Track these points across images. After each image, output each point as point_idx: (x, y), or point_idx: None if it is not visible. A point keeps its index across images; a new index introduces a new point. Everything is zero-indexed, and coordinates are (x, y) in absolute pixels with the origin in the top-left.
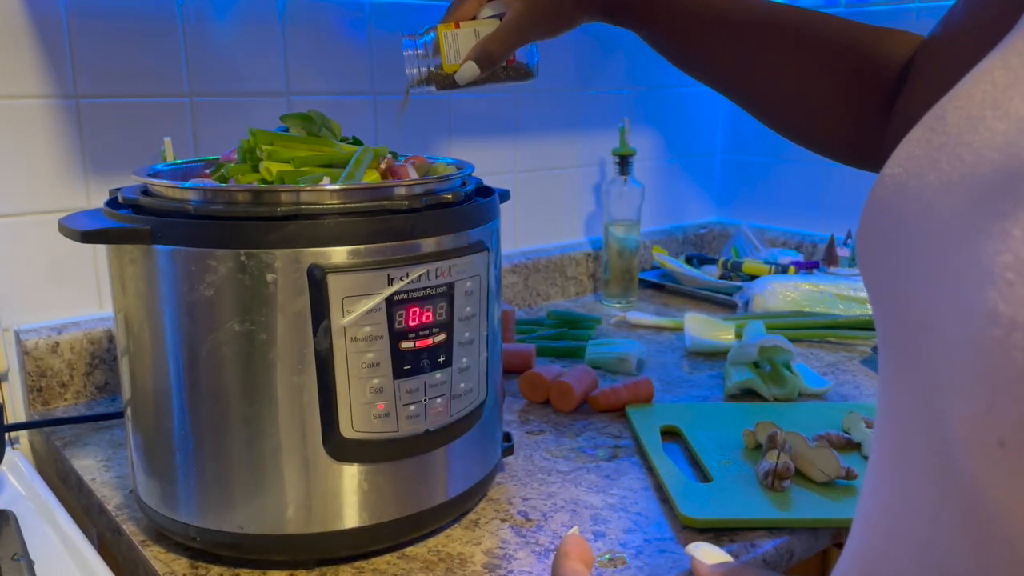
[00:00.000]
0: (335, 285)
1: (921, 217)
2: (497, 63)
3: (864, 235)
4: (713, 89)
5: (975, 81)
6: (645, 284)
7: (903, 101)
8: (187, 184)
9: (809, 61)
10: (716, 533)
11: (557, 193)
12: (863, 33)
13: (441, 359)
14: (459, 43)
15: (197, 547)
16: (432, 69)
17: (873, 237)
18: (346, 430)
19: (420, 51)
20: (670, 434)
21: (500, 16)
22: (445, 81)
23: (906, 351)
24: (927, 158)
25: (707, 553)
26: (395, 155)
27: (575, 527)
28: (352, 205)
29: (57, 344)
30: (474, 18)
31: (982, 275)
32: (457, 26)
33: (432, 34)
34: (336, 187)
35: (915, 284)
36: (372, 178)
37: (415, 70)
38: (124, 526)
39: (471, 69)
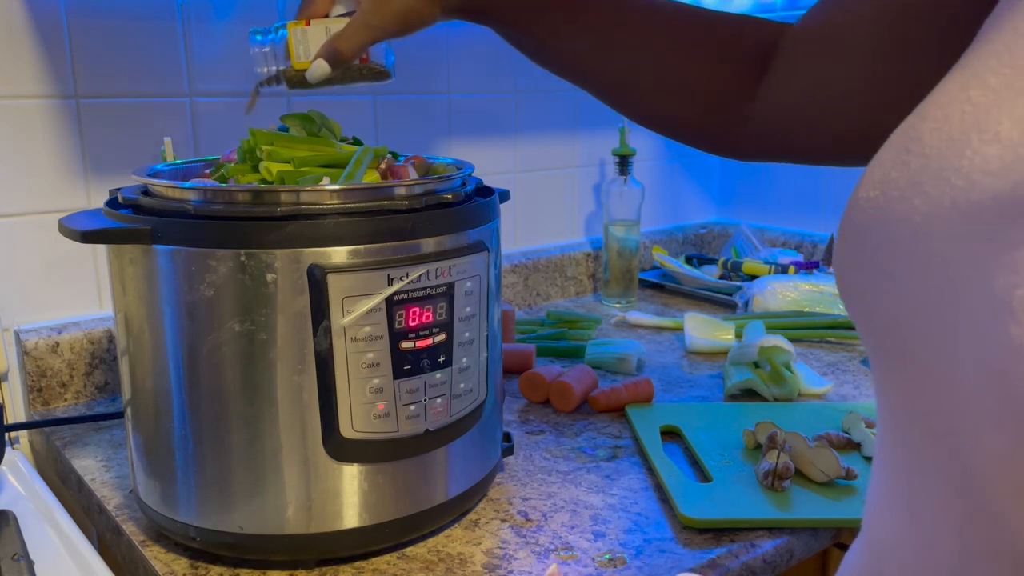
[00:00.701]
0: (335, 285)
1: (913, 244)
2: (347, 61)
3: (845, 262)
4: (573, 83)
5: (948, 100)
6: (645, 284)
7: (766, 86)
8: (187, 184)
9: (664, 47)
10: (716, 533)
11: (557, 193)
12: (723, 21)
13: (441, 359)
14: (309, 41)
15: (197, 547)
16: (281, 68)
17: (857, 264)
18: (346, 430)
19: (267, 49)
20: (670, 434)
21: (351, 14)
22: (295, 80)
23: (913, 382)
24: (908, 181)
25: None
26: (395, 155)
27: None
28: (352, 205)
29: (57, 344)
30: (326, 16)
31: (999, 309)
32: (308, 23)
33: (283, 32)
34: (336, 187)
35: (922, 317)
36: (372, 178)
37: (264, 68)
38: (124, 526)
39: (321, 68)
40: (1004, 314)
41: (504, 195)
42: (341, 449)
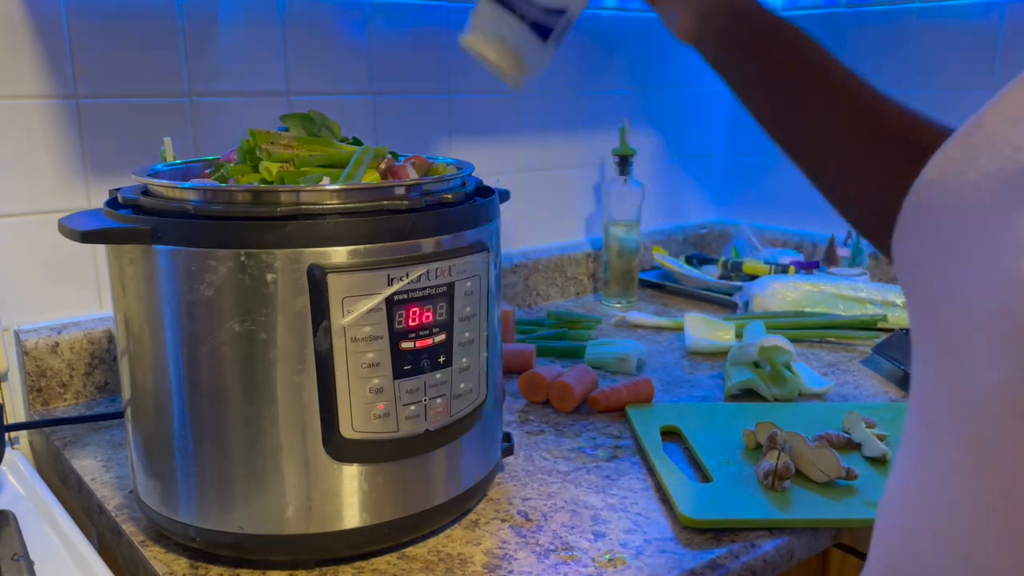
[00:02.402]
0: (335, 285)
1: (958, 205)
2: None
3: (902, 235)
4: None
5: (1012, 92)
6: (645, 284)
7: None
8: (187, 184)
9: (855, 134)
10: (716, 533)
11: (557, 193)
12: (910, 119)
13: (441, 359)
14: None
15: (197, 547)
16: None
17: (911, 234)
18: (346, 430)
19: None
20: (670, 434)
21: None
22: None
23: (938, 329)
24: (965, 157)
25: None
26: (395, 155)
27: None
28: (352, 205)
29: (57, 344)
30: None
31: (1017, 247)
32: None
33: None
34: (336, 187)
35: (949, 259)
36: (372, 178)
37: None
38: (124, 526)
39: None
40: (1019, 251)
41: (504, 195)
42: (341, 449)
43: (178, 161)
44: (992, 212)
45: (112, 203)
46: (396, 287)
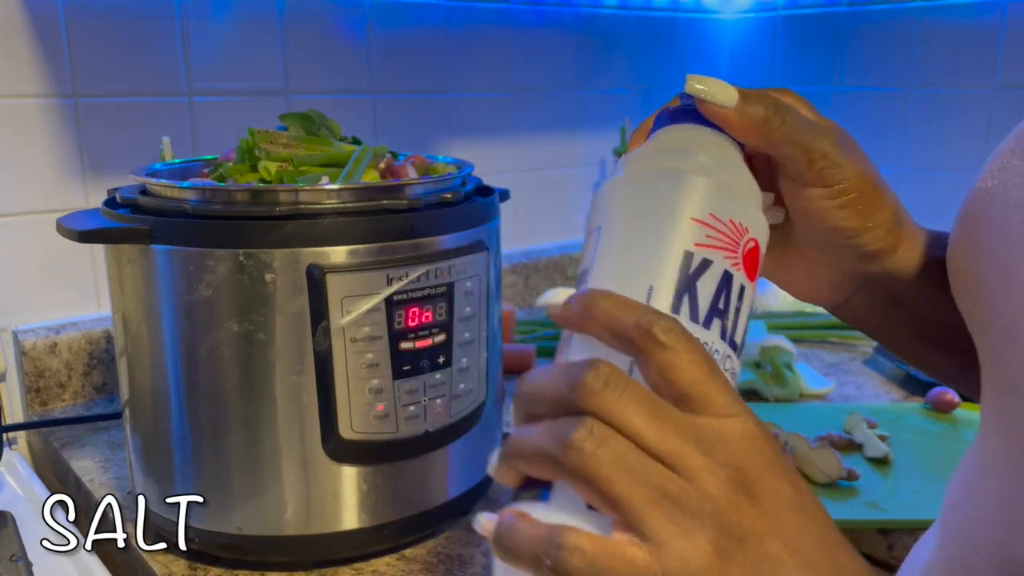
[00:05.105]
0: (334, 285)
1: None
2: None
3: (958, 246)
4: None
5: None
6: None
7: None
8: (185, 184)
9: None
10: None
11: (557, 193)
12: None
13: (441, 359)
14: None
15: (195, 548)
16: None
17: (969, 247)
18: (345, 431)
19: None
20: None
21: None
22: None
23: (996, 356)
24: None
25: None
26: (395, 155)
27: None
28: (351, 205)
29: (55, 344)
30: None
31: None
32: None
33: None
34: (335, 187)
35: (1011, 285)
36: (371, 178)
37: None
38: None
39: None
40: None
41: (504, 195)
42: (340, 450)
43: (176, 160)
44: None
45: (110, 203)
46: (395, 287)
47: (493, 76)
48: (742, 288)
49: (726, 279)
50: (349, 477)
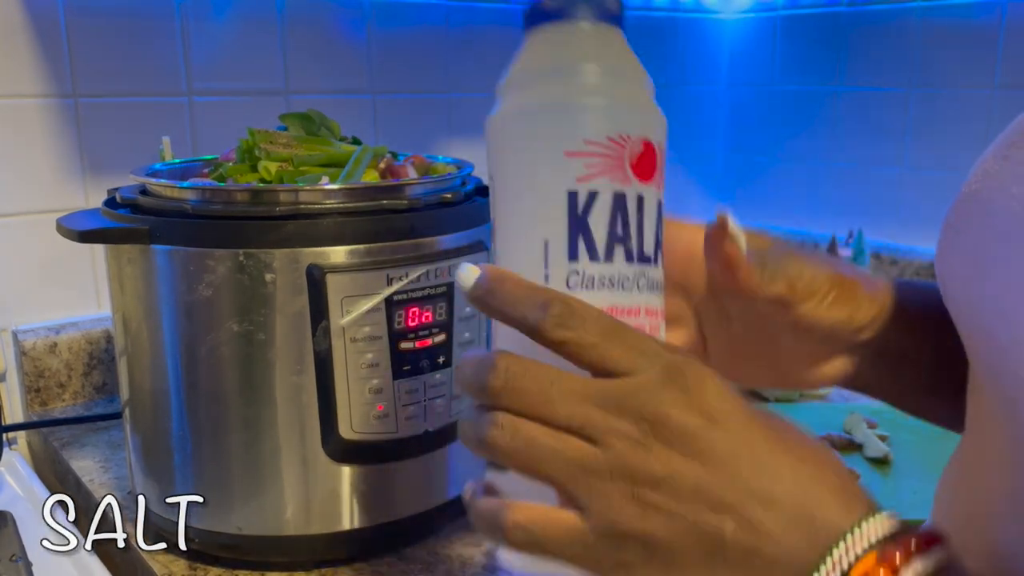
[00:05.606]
0: (334, 285)
1: (1010, 230)
2: None
3: (946, 249)
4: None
5: None
6: None
7: None
8: (185, 184)
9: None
10: None
11: None
12: None
13: (441, 359)
14: None
15: (196, 548)
16: None
17: (956, 250)
18: (345, 431)
19: None
20: None
21: None
22: None
23: (990, 353)
24: (1010, 173)
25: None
26: (395, 155)
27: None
28: (351, 205)
29: (55, 344)
30: None
31: None
32: None
33: None
34: (335, 187)
35: (1001, 292)
36: (371, 178)
37: None
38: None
39: None
40: None
41: None
42: (340, 450)
43: (176, 160)
44: None
45: (110, 203)
46: (395, 287)
47: (493, 76)
48: (639, 199)
49: (618, 202)
50: (349, 477)
